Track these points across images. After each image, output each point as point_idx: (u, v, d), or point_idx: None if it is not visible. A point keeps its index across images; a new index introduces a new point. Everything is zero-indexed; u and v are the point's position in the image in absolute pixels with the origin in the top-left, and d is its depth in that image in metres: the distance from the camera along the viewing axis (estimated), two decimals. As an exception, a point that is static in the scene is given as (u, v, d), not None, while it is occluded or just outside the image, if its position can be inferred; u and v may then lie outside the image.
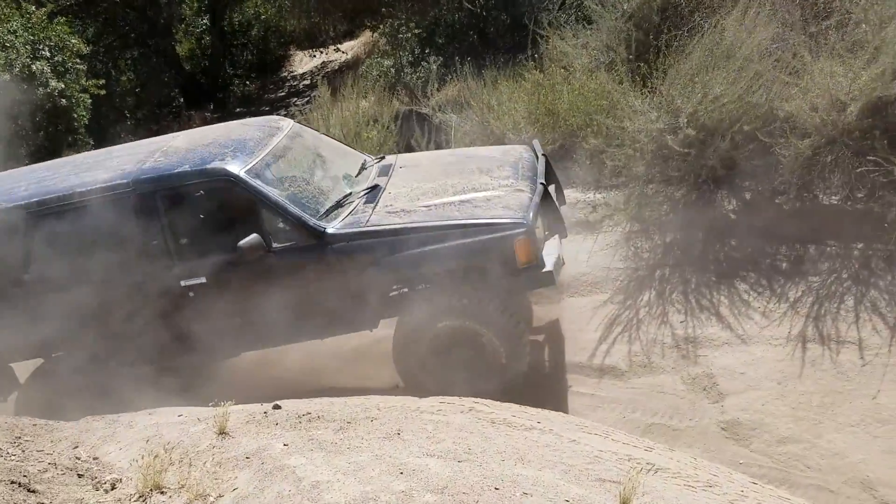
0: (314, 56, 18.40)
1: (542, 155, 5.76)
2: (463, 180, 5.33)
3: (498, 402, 4.14)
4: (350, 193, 5.38)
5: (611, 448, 3.40)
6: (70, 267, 5.08)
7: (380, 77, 13.54)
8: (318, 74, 17.97)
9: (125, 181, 5.12)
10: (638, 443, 3.60)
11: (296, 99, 17.22)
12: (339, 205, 5.20)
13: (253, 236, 4.86)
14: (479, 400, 4.21)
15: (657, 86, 6.57)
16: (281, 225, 5.02)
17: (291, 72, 18.91)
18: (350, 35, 18.59)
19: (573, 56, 8.15)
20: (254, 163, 5.14)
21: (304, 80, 18.36)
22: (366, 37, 17.50)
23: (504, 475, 2.76)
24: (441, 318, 5.00)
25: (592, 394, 5.27)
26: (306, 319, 5.05)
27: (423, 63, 12.90)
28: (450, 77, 11.00)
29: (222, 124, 6.82)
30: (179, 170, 5.11)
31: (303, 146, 5.76)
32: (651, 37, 7.06)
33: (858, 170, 5.52)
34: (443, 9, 12.92)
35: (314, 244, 4.97)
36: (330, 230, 4.98)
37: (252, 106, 17.11)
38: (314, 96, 14.38)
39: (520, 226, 4.82)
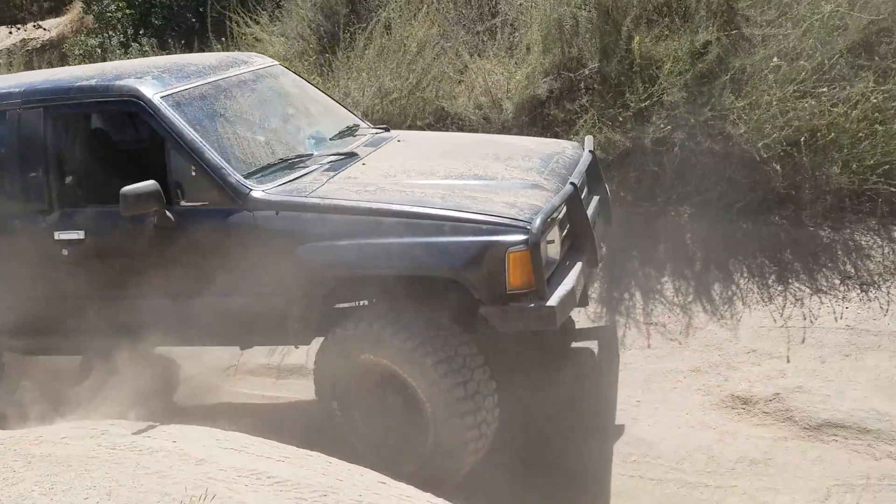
0: (11, 33, 16.57)
1: (590, 151, 4.46)
2: (468, 164, 4.05)
3: (141, 422, 3.85)
4: (310, 156, 4.12)
5: (236, 464, 3.28)
6: None
7: (84, 57, 12.47)
8: (16, 52, 16.20)
9: (16, 90, 4.12)
10: (273, 452, 3.51)
11: (-12, 79, 15.40)
12: (288, 165, 3.96)
13: (148, 183, 3.63)
14: (117, 422, 3.89)
15: (339, 79, 6.57)
16: (194, 175, 3.76)
17: (-14, 48, 16.82)
18: (57, 11, 17.10)
19: (268, 43, 7.93)
20: (180, 89, 3.98)
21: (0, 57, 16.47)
22: (74, 13, 16.09)
23: (73, 521, 2.53)
24: (367, 346, 3.67)
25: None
26: (209, 317, 3.88)
27: (135, 44, 12.08)
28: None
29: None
30: (81, 83, 4.05)
31: (272, 90, 4.55)
32: (338, 28, 7.01)
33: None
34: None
35: (232, 209, 3.70)
36: (256, 193, 3.70)
37: (-67, 87, 15.05)
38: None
39: (519, 230, 3.41)
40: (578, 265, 3.81)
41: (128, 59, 11.74)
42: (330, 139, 4.37)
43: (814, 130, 4.80)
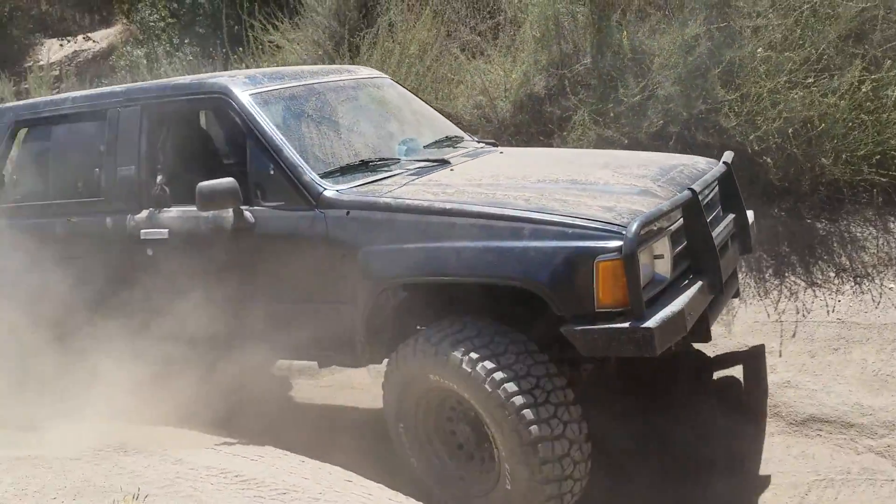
0: (62, 45, 17.23)
1: (725, 163, 3.87)
2: (568, 170, 3.61)
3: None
4: (396, 160, 3.87)
5: (211, 463, 3.45)
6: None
7: (130, 68, 12.92)
8: (68, 64, 16.85)
9: (119, 90, 4.30)
10: (250, 452, 3.66)
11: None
12: (371, 168, 3.75)
13: (225, 180, 3.55)
14: (121, 426, 4.04)
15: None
16: (272, 173, 3.61)
17: (38, 61, 17.53)
18: (106, 23, 17.74)
19: (288, 51, 8.12)
20: (270, 88, 3.90)
21: (52, 70, 17.12)
22: (122, 24, 16.67)
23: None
24: (432, 367, 3.23)
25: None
26: (286, 328, 3.65)
27: (179, 53, 12.47)
28: (211, 68, 10.65)
29: None
30: (176, 82, 4.19)
31: (372, 98, 4.43)
32: (351, 33, 7.15)
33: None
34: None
35: (306, 208, 3.53)
36: (329, 192, 3.51)
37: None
38: (58, 88, 13.47)
39: (611, 236, 2.92)
40: (696, 287, 3.21)
41: (172, 67, 12.16)
42: (425, 147, 4.15)
43: (805, 121, 4.71)
